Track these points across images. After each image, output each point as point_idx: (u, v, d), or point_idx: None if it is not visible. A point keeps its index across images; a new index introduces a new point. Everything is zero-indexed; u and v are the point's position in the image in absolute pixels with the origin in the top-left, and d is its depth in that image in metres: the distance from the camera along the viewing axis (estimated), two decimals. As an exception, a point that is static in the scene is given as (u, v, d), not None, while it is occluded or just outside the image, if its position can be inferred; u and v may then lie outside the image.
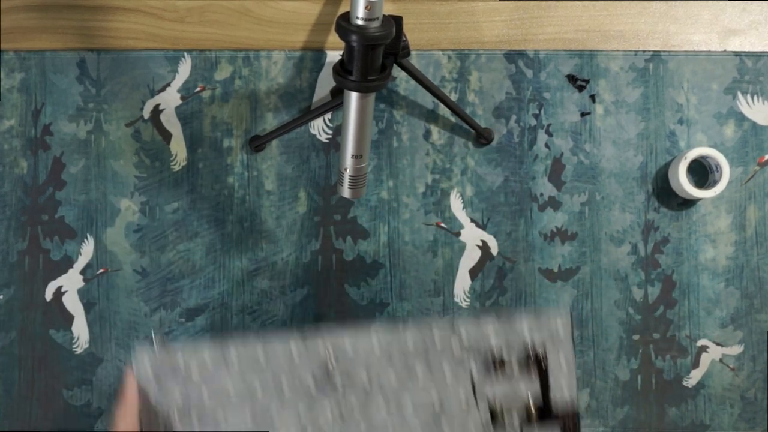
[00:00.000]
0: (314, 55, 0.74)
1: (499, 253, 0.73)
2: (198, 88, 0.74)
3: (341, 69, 0.57)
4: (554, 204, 0.73)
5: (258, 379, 0.59)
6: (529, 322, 0.61)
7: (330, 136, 0.74)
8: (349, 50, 0.55)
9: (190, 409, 0.59)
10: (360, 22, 0.53)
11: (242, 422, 0.60)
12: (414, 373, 0.61)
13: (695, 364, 0.73)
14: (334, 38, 0.74)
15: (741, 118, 0.74)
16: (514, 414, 0.61)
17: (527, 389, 0.61)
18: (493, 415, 0.62)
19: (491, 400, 0.62)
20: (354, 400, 0.61)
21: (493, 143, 0.74)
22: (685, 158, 0.70)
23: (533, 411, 0.61)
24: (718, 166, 0.70)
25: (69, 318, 0.73)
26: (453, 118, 0.74)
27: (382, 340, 0.61)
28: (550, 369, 0.62)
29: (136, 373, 0.57)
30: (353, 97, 0.58)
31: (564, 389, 0.61)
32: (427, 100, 0.74)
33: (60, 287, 0.73)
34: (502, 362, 0.61)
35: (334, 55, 0.74)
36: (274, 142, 0.73)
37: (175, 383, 0.59)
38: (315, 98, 0.74)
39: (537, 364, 0.61)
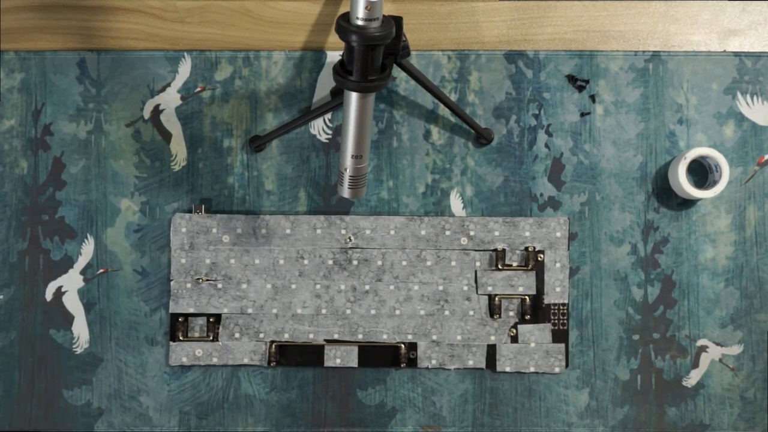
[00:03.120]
0: (314, 55, 0.74)
1: (499, 253, 0.73)
2: (198, 88, 0.74)
3: (341, 69, 0.57)
4: (554, 204, 0.73)
5: (281, 249, 0.71)
6: (531, 226, 0.72)
7: (330, 136, 0.74)
8: (349, 50, 0.55)
9: (218, 269, 0.71)
10: (360, 23, 0.53)
11: (262, 285, 0.71)
12: (423, 259, 0.71)
13: (695, 364, 0.73)
14: (334, 38, 0.74)
15: (740, 118, 0.74)
16: (510, 308, 0.72)
17: (524, 285, 0.72)
18: (491, 306, 0.72)
19: (491, 293, 0.72)
20: (366, 276, 0.71)
21: (493, 143, 0.74)
22: (685, 158, 0.70)
23: (528, 306, 0.72)
24: (717, 166, 0.70)
25: (69, 318, 0.73)
26: (453, 118, 0.74)
27: (398, 227, 0.71)
28: (545, 268, 0.72)
29: (171, 238, 0.71)
30: (353, 97, 0.58)
31: (556, 288, 0.72)
32: (427, 100, 0.74)
33: (60, 287, 0.73)
34: (503, 259, 0.72)
35: (334, 55, 0.74)
36: (274, 142, 0.73)
37: (207, 244, 0.71)
38: (315, 98, 0.74)
39: (534, 263, 0.72)
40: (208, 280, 0.71)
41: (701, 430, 0.73)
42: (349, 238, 0.71)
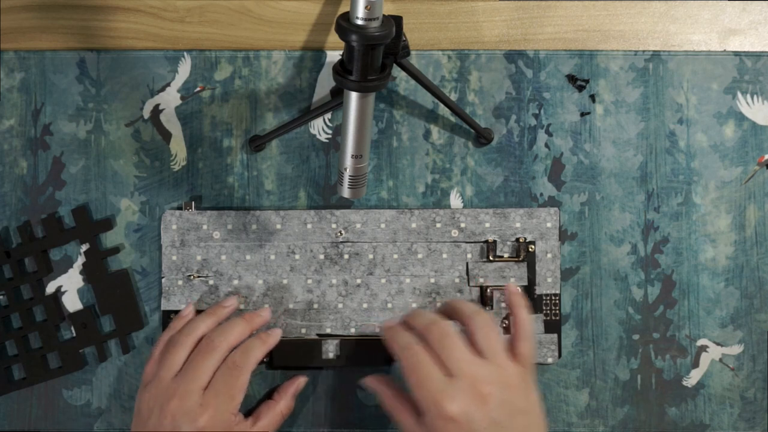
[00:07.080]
0: (314, 55, 0.74)
1: (499, 253, 0.73)
2: (198, 88, 0.74)
3: (341, 69, 0.57)
4: (554, 204, 0.73)
5: (272, 244, 0.71)
6: (521, 217, 0.72)
7: (330, 136, 0.74)
8: (349, 50, 0.55)
9: (209, 266, 0.71)
10: (360, 22, 0.53)
11: (254, 281, 0.71)
12: (414, 252, 0.71)
13: (695, 364, 0.73)
14: (334, 38, 0.74)
15: (741, 118, 0.74)
16: (502, 300, 0.72)
17: (515, 276, 0.72)
18: (483, 298, 0.72)
19: (482, 285, 0.72)
20: (358, 270, 0.71)
21: (493, 143, 0.74)
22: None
23: None
24: None
25: (69, 318, 0.73)
26: (453, 118, 0.74)
27: (389, 221, 0.71)
28: (537, 258, 0.72)
29: (162, 236, 0.71)
30: (353, 97, 0.58)
31: (548, 278, 0.72)
32: (427, 100, 0.74)
33: (60, 287, 0.73)
34: (495, 250, 0.72)
35: (334, 55, 0.74)
36: (274, 142, 0.73)
37: (197, 240, 0.71)
38: (315, 98, 0.74)
39: (526, 254, 0.72)
40: (199, 276, 0.71)
41: (701, 430, 0.73)
42: (340, 232, 0.71)
